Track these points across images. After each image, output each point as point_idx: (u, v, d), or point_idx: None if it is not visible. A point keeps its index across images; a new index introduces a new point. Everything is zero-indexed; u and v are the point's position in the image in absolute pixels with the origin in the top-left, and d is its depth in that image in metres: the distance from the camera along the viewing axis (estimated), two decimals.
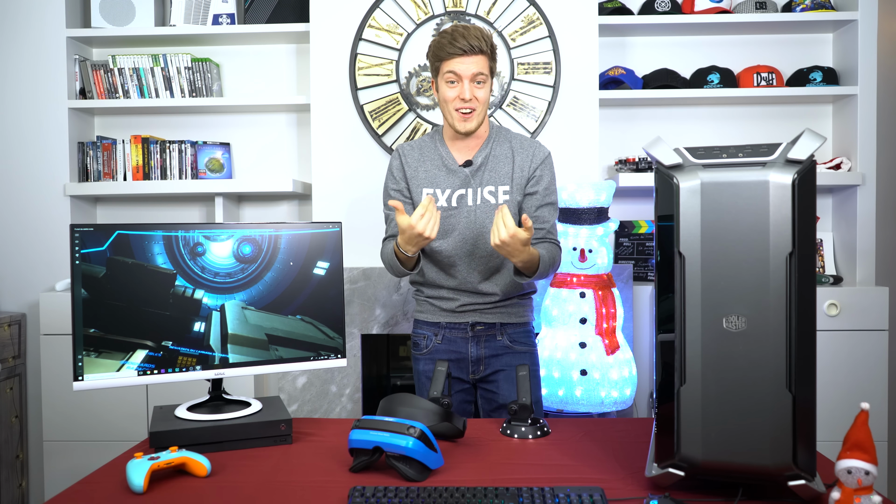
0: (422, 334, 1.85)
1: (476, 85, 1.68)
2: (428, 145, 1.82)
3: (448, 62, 1.67)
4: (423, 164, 1.79)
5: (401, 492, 1.09)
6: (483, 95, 1.70)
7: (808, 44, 2.89)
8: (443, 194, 1.76)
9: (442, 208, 1.76)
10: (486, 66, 1.69)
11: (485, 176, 1.75)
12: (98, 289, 1.39)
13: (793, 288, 1.03)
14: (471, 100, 1.68)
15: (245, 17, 2.87)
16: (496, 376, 1.80)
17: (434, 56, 1.72)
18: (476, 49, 1.65)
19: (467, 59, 1.66)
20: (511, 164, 1.76)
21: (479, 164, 1.76)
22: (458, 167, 1.76)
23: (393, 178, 1.82)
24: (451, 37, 1.66)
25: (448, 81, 1.69)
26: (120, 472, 1.26)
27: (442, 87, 1.71)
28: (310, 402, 2.63)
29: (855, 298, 2.55)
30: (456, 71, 1.67)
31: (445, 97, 1.71)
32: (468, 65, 1.66)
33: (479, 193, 1.75)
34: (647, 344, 2.67)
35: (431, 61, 1.74)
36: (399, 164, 1.81)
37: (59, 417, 2.64)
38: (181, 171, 2.86)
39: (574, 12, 2.63)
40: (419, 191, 1.77)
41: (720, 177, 1.07)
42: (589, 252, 2.28)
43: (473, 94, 1.68)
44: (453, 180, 1.76)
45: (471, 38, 1.65)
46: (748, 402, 1.05)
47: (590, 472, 1.24)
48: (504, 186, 1.75)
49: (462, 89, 1.67)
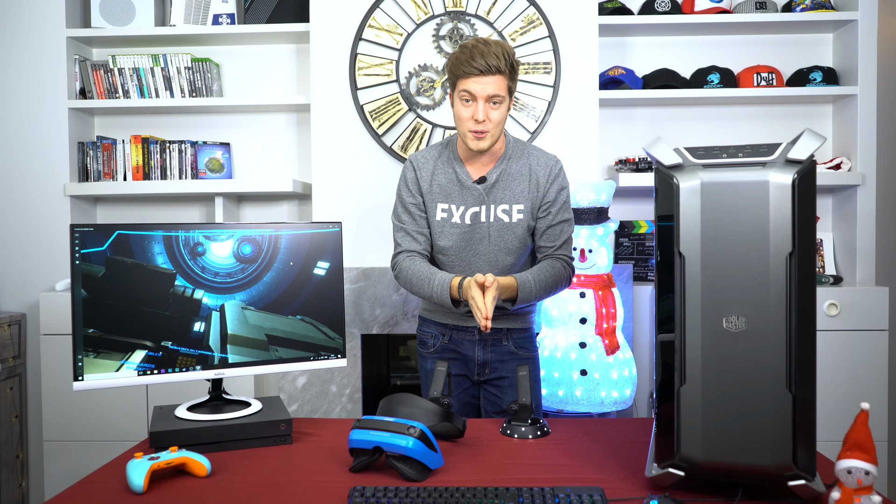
0: (429, 333, 1.84)
1: (491, 106, 1.62)
2: (442, 155, 1.77)
3: (464, 81, 1.61)
4: (436, 179, 1.75)
5: (401, 492, 1.09)
6: (498, 117, 1.63)
7: (808, 44, 2.89)
8: (457, 210, 1.73)
9: (456, 225, 1.73)
10: (504, 87, 1.62)
11: (498, 194, 1.72)
12: (98, 289, 1.39)
13: (793, 288, 1.03)
14: (484, 121, 1.62)
15: (245, 17, 2.87)
16: (501, 381, 1.80)
17: (451, 72, 1.66)
18: (494, 69, 1.58)
19: (483, 80, 1.59)
20: (528, 181, 1.72)
21: (493, 182, 1.72)
22: (472, 183, 1.72)
23: (408, 190, 1.76)
24: (470, 54, 1.59)
25: (463, 100, 1.63)
26: (120, 472, 1.26)
27: (457, 105, 1.66)
28: (310, 402, 2.63)
29: (855, 298, 2.55)
30: (471, 90, 1.60)
31: (460, 115, 1.65)
32: (484, 85, 1.59)
33: (493, 211, 1.72)
34: (647, 344, 2.67)
35: (449, 76, 1.68)
36: (414, 177, 1.76)
37: (59, 417, 2.64)
38: (181, 171, 2.86)
39: (574, 12, 2.63)
40: (434, 205, 1.74)
41: (720, 177, 1.07)
42: (589, 252, 2.28)
43: (488, 115, 1.62)
44: (467, 197, 1.72)
45: (489, 58, 1.58)
46: (748, 402, 1.05)
47: (590, 472, 1.24)
48: (518, 205, 1.71)
49: (476, 110, 1.61)
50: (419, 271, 1.70)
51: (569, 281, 1.76)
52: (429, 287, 1.66)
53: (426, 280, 1.67)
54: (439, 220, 1.74)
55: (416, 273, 1.70)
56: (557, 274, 1.70)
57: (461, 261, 1.76)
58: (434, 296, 1.66)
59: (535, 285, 1.66)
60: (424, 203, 1.76)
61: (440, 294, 1.64)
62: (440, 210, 1.74)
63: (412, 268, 1.71)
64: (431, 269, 1.69)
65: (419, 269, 1.70)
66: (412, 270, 1.71)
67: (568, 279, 1.75)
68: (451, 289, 1.63)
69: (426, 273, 1.68)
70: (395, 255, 1.78)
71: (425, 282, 1.67)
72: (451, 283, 1.63)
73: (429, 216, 1.76)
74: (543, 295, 1.70)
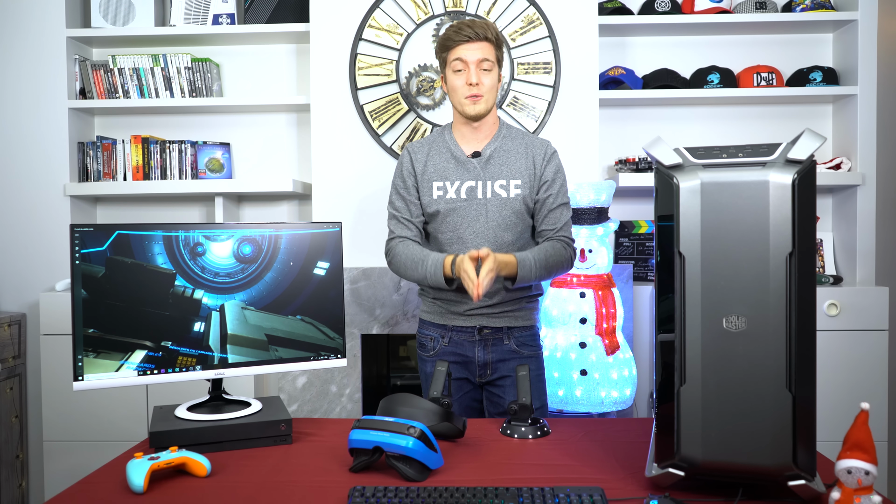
0: (428, 335, 1.84)
1: (483, 71, 1.72)
2: (436, 139, 1.83)
3: (454, 50, 1.72)
4: (431, 158, 1.80)
5: (401, 492, 1.09)
6: (490, 82, 1.73)
7: (808, 44, 2.89)
8: (452, 186, 1.76)
9: (451, 200, 1.76)
10: (492, 54, 1.73)
11: (495, 169, 1.76)
12: (98, 289, 1.39)
13: (793, 288, 1.03)
14: (478, 84, 1.71)
15: (245, 17, 2.87)
16: (503, 381, 1.79)
17: (441, 48, 1.76)
18: (481, 36, 1.70)
19: (472, 45, 1.70)
20: (524, 159, 1.77)
21: (488, 156, 1.76)
22: (467, 158, 1.76)
23: (401, 176, 1.82)
24: (458, 27, 1.72)
25: (455, 70, 1.73)
26: (120, 472, 1.26)
27: (450, 77, 1.75)
28: (310, 402, 2.63)
29: (855, 298, 2.55)
30: (462, 57, 1.71)
31: (454, 85, 1.74)
32: (473, 51, 1.70)
33: (490, 187, 1.75)
34: (647, 344, 2.67)
35: (439, 55, 1.78)
36: (409, 162, 1.81)
37: (59, 417, 2.64)
38: (181, 171, 2.86)
39: (574, 12, 2.63)
40: (429, 185, 1.77)
41: (720, 177, 1.07)
42: (589, 252, 2.28)
43: (480, 78, 1.71)
44: (462, 172, 1.76)
45: (476, 27, 1.70)
46: (748, 402, 1.05)
47: (590, 472, 1.24)
48: (516, 181, 1.75)
49: (469, 74, 1.71)
50: (412, 253, 1.73)
51: (570, 263, 1.78)
52: (422, 268, 1.69)
53: (419, 261, 1.70)
54: (435, 198, 1.77)
55: (409, 256, 1.73)
56: (558, 254, 1.72)
57: (459, 238, 1.76)
58: (428, 276, 1.69)
59: (535, 263, 1.67)
60: (419, 188, 1.79)
61: (434, 273, 1.68)
62: (436, 188, 1.77)
63: (405, 251, 1.74)
64: (424, 251, 1.73)
65: (412, 252, 1.73)
66: (405, 254, 1.74)
67: (570, 260, 1.77)
68: (445, 266, 1.66)
69: (419, 255, 1.72)
70: (388, 241, 1.82)
71: (419, 263, 1.70)
72: (444, 260, 1.67)
73: (424, 199, 1.79)
74: (544, 275, 1.70)
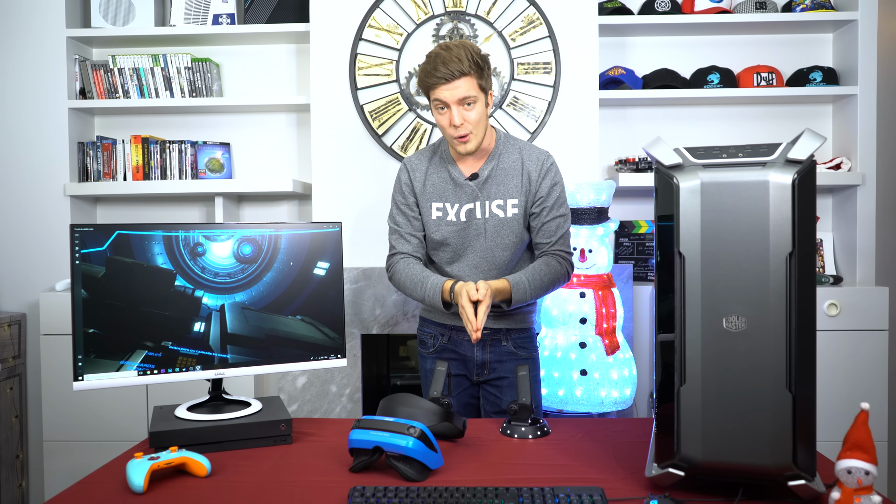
0: (429, 333, 1.86)
1: (465, 108, 1.63)
2: (434, 160, 1.80)
3: (434, 91, 1.63)
4: (430, 179, 1.78)
5: (401, 492, 1.09)
6: (475, 117, 1.64)
7: (808, 44, 2.89)
8: (452, 208, 1.75)
9: (452, 223, 1.75)
10: (474, 87, 1.62)
11: (492, 189, 1.74)
12: (98, 289, 1.39)
13: (793, 288, 1.03)
14: (462, 125, 1.63)
15: (245, 17, 2.87)
16: (500, 382, 1.80)
17: (421, 86, 1.68)
18: (458, 73, 1.59)
19: (450, 86, 1.60)
20: (520, 175, 1.74)
21: (485, 177, 1.74)
22: (465, 181, 1.74)
23: (401, 192, 1.80)
24: (433, 64, 1.61)
25: (437, 108, 1.65)
26: (120, 472, 1.26)
27: (435, 115, 1.68)
28: (310, 402, 2.63)
29: (855, 298, 2.55)
30: (441, 98, 1.62)
31: (440, 124, 1.68)
32: (452, 91, 1.61)
33: (487, 207, 1.73)
34: (647, 344, 2.67)
35: (421, 90, 1.70)
36: (408, 179, 1.79)
37: (59, 417, 2.64)
38: (181, 171, 2.86)
39: (574, 12, 2.63)
40: (428, 205, 1.77)
41: (720, 177, 1.07)
42: (589, 252, 2.28)
43: (463, 117, 1.63)
44: (461, 194, 1.74)
45: (451, 64, 1.58)
46: (748, 402, 1.05)
47: (590, 472, 1.24)
48: (513, 199, 1.73)
49: (451, 116, 1.63)
50: (412, 274, 1.73)
51: (567, 276, 1.76)
52: (421, 290, 1.70)
53: (419, 283, 1.71)
54: (435, 219, 1.76)
55: (409, 276, 1.73)
56: (553, 272, 1.71)
57: (458, 258, 1.77)
58: (426, 298, 1.69)
59: (530, 286, 1.67)
60: (419, 204, 1.78)
61: (432, 297, 1.68)
62: (435, 209, 1.76)
63: (406, 270, 1.74)
64: (424, 272, 1.72)
65: (412, 272, 1.73)
66: (406, 273, 1.74)
67: (566, 275, 1.76)
68: (443, 292, 1.67)
69: (419, 276, 1.72)
70: (390, 256, 1.81)
71: (418, 285, 1.71)
72: (443, 286, 1.67)
73: (424, 216, 1.78)
74: (540, 294, 1.70)
